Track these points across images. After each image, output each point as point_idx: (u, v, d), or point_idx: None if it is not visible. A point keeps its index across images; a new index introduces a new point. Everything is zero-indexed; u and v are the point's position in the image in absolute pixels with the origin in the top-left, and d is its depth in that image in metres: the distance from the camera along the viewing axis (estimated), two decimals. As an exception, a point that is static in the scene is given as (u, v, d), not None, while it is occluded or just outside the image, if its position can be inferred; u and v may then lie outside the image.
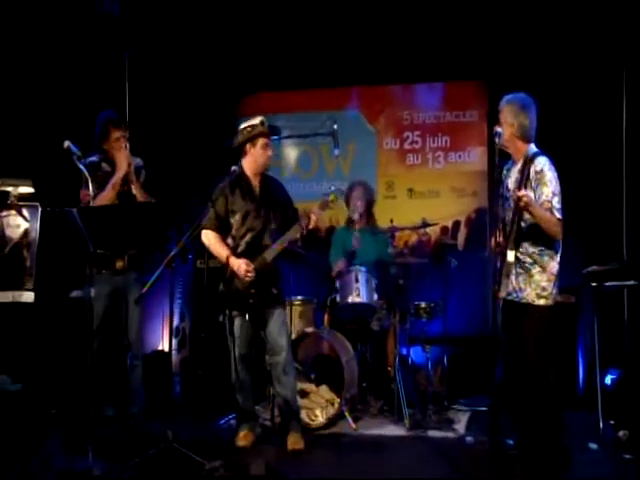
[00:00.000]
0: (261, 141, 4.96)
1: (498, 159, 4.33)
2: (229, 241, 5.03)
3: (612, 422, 4.98)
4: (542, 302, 4.38)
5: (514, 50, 6.57)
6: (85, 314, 4.63)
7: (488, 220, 6.81)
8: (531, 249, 4.40)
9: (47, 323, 5.18)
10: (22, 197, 4.49)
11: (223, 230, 5.03)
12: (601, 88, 6.28)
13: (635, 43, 6.11)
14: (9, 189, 4.46)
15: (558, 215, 4.27)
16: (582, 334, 6.02)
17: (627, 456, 4.57)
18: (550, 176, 4.34)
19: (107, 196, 4.98)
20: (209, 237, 5.01)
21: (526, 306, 4.40)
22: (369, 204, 6.39)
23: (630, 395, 4.92)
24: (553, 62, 6.41)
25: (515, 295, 4.44)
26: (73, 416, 5.06)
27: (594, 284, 5.18)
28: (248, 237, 4.98)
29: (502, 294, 4.41)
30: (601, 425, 4.96)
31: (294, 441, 4.94)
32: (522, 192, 4.18)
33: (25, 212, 4.48)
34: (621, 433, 4.84)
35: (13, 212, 4.47)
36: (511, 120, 4.46)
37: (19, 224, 4.49)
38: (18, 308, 4.53)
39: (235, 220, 5.00)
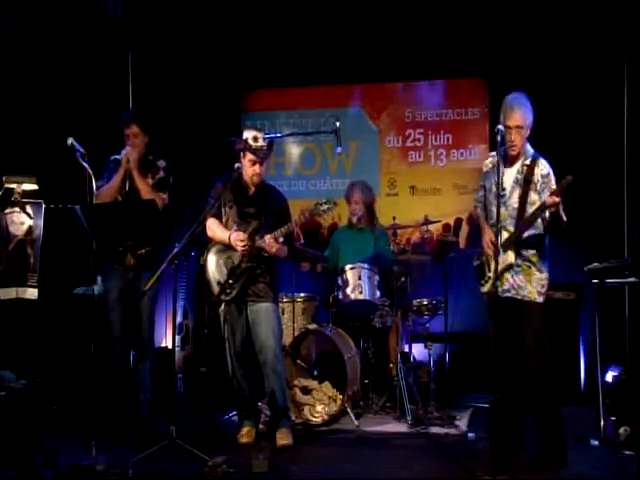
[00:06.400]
0: (248, 156, 5.01)
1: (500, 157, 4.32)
2: None
3: (613, 419, 4.99)
4: (541, 299, 4.47)
5: (515, 47, 6.57)
6: (91, 309, 4.63)
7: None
8: (530, 251, 4.45)
9: (51, 320, 5.22)
10: (26, 194, 4.51)
11: (221, 220, 5.13)
12: (602, 84, 6.29)
13: (636, 40, 6.12)
14: (13, 186, 4.48)
15: (565, 217, 4.34)
16: (583, 331, 6.03)
17: (627, 453, 4.58)
18: (554, 180, 4.38)
19: (107, 190, 5.03)
20: (211, 225, 5.08)
21: (528, 303, 4.46)
22: (368, 204, 6.39)
23: (631, 392, 4.93)
24: (554, 59, 6.42)
25: (514, 292, 4.47)
26: (78, 411, 5.09)
27: (595, 281, 5.18)
28: (234, 230, 5.04)
29: (485, 289, 4.56)
30: (602, 422, 4.96)
31: (282, 437, 4.95)
32: (558, 199, 4.14)
33: (29, 209, 4.51)
34: (622, 430, 4.85)
35: (17, 209, 4.49)
36: (528, 122, 4.38)
37: (23, 221, 4.52)
38: (22, 305, 4.56)
39: (224, 212, 5.10)
